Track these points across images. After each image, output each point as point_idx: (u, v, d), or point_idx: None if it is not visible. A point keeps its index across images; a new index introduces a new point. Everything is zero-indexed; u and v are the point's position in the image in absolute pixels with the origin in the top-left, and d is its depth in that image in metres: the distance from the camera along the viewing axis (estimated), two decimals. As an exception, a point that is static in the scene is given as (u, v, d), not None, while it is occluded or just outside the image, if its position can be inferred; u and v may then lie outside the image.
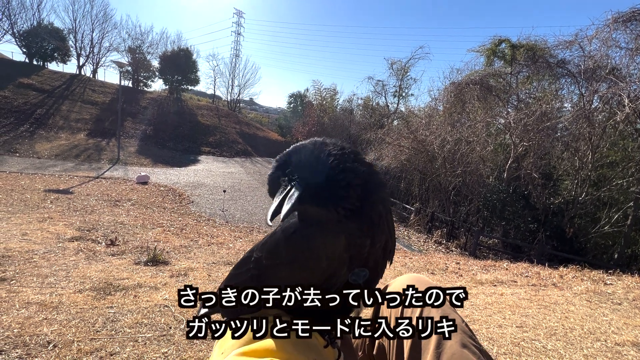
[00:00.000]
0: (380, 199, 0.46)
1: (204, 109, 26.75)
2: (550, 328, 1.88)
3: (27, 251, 3.09)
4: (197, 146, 21.23)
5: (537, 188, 9.14)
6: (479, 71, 11.28)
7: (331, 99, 23.71)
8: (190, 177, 13.95)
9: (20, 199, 6.23)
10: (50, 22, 23.66)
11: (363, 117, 21.37)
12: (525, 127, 9.02)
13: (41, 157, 13.17)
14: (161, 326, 1.60)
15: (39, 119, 16.73)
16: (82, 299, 1.95)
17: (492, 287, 3.33)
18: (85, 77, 23.90)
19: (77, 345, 1.30)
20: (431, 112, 13.17)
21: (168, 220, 6.57)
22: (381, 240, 0.46)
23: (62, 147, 14.82)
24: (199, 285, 2.56)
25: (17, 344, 1.28)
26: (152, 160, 16.16)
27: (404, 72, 18.71)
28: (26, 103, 17.42)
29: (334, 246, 0.43)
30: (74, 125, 17.61)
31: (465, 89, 10.65)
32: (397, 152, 12.42)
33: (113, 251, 3.61)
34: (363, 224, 0.43)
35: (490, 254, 9.05)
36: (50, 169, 11.29)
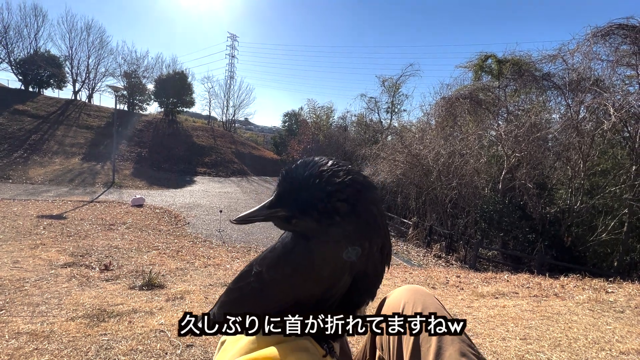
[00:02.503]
0: (372, 199, 0.46)
1: (200, 130, 26.97)
2: (554, 339, 1.85)
3: (17, 279, 3.01)
4: (192, 167, 21.25)
5: (532, 198, 9.21)
6: (468, 86, 11.60)
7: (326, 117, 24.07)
8: (186, 198, 13.87)
9: (12, 226, 6.13)
10: (47, 50, 24.11)
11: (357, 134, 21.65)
12: (516, 139, 9.19)
13: (34, 183, 13.06)
14: (157, 352, 1.55)
15: (33, 144, 16.72)
16: (75, 327, 1.89)
17: (493, 299, 3.29)
18: (81, 102, 24.12)
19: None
20: (424, 126, 13.40)
21: (164, 243, 6.47)
22: (378, 242, 0.46)
23: (56, 172, 14.74)
24: (196, 309, 2.50)
25: (5, 376, 1.23)
26: (147, 183, 16.09)
27: (395, 89, 19.17)
28: (21, 129, 17.45)
29: (337, 257, 0.43)
30: (69, 149, 17.61)
31: (456, 103, 10.91)
32: (392, 167, 12.52)
33: (107, 276, 3.53)
34: (359, 226, 0.44)
35: (490, 266, 8.97)
36: (44, 194, 11.16)
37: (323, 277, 0.44)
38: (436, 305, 0.58)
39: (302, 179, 0.44)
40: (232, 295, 0.52)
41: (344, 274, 0.44)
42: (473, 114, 10.92)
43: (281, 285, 0.46)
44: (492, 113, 10.69)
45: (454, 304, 3.04)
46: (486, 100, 10.76)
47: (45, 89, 23.75)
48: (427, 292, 0.62)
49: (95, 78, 25.85)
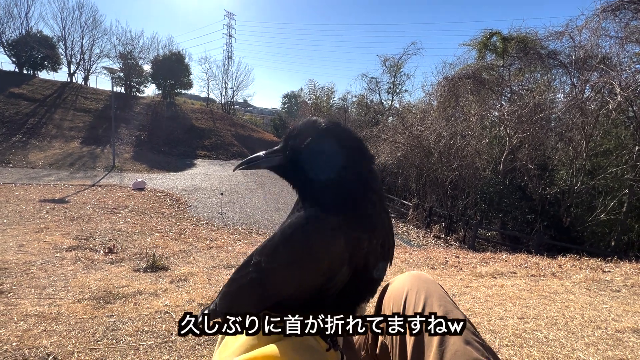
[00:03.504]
0: (376, 194, 0.47)
1: (198, 113, 26.64)
2: (551, 318, 1.89)
3: (24, 263, 3.06)
4: (192, 150, 21.15)
5: (533, 179, 9.20)
6: (472, 65, 11.32)
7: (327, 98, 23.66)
8: (187, 181, 13.89)
9: (15, 210, 6.17)
10: (39, 30, 23.42)
11: (358, 115, 21.37)
12: (519, 119, 9.07)
13: (35, 167, 13.05)
14: (162, 333, 1.59)
15: (32, 128, 16.57)
16: (82, 308, 1.93)
17: (492, 279, 3.34)
18: (77, 85, 23.70)
19: (77, 356, 1.28)
20: (425, 107, 13.20)
21: (166, 226, 6.54)
22: (378, 236, 0.46)
23: (56, 156, 14.69)
24: (199, 290, 2.55)
25: (16, 357, 1.26)
26: (148, 166, 16.07)
27: (397, 69, 18.73)
28: (17, 113, 17.25)
29: (333, 245, 0.43)
30: (68, 133, 17.47)
31: (459, 83, 10.69)
32: (393, 149, 12.45)
33: (112, 259, 3.58)
34: (357, 219, 0.44)
35: (489, 247, 9.10)
36: (45, 179, 11.18)
37: (321, 267, 0.44)
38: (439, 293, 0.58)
39: (299, 127, 0.52)
40: (233, 286, 0.52)
41: (342, 265, 0.44)
42: (476, 94, 10.72)
43: (279, 275, 0.46)
44: (496, 93, 10.49)
45: (453, 284, 3.09)
46: (490, 80, 10.53)
47: (40, 71, 23.28)
48: (430, 279, 0.62)
49: (91, 59, 25.30)
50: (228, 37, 38.07)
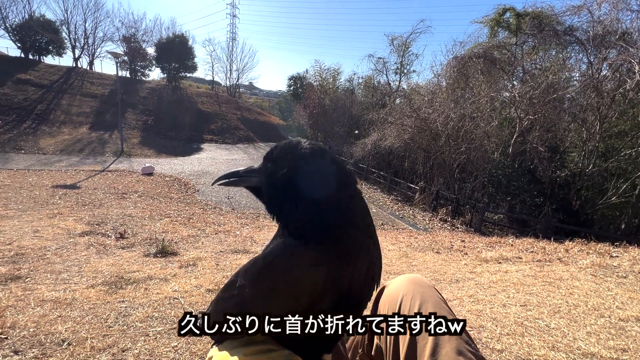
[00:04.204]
0: (359, 220, 0.46)
1: (204, 96, 26.49)
2: (554, 305, 1.89)
3: (39, 248, 3.16)
4: (199, 134, 21.20)
5: (543, 162, 9.01)
6: (483, 43, 10.88)
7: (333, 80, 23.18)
8: (194, 165, 14.02)
9: (30, 196, 6.34)
10: (41, 14, 23.21)
11: (365, 97, 20.97)
12: (531, 100, 8.79)
13: (46, 153, 13.29)
14: (171, 319, 1.65)
15: (41, 114, 16.75)
16: (95, 294, 2.01)
17: (496, 264, 3.35)
18: (82, 70, 23.67)
19: (90, 343, 1.34)
20: (434, 88, 12.86)
21: (175, 211, 6.65)
22: (361, 267, 0.45)
23: (66, 142, 14.91)
24: (207, 275, 2.61)
25: (33, 343, 1.33)
26: (155, 151, 16.22)
27: (405, 48, 18.16)
28: (26, 99, 17.40)
29: (313, 279, 0.43)
30: (76, 119, 17.63)
31: (469, 63, 10.33)
32: (400, 132, 12.27)
33: (123, 244, 3.68)
34: (336, 253, 0.43)
35: (495, 230, 9.08)
36: (56, 165, 11.40)
37: (301, 299, 0.44)
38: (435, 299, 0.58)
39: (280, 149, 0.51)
40: (219, 307, 0.53)
41: (323, 296, 0.44)
42: (486, 75, 10.36)
43: (260, 303, 0.46)
44: (507, 73, 10.13)
45: (457, 269, 3.11)
46: (501, 59, 10.14)
47: (45, 56, 23.24)
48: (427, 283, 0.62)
49: (94, 43, 25.10)
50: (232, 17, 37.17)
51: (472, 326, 1.63)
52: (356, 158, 15.49)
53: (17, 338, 1.36)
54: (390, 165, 14.90)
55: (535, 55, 10.01)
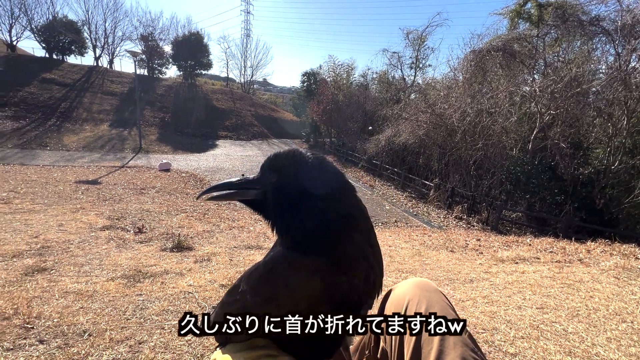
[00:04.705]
0: (358, 230, 0.46)
1: (219, 93, 26.85)
2: (572, 309, 1.83)
3: (64, 241, 3.30)
4: (214, 131, 21.54)
5: (565, 158, 8.67)
6: (502, 36, 10.51)
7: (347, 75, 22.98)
8: (209, 162, 14.27)
9: (55, 191, 6.62)
10: (64, 15, 24.07)
11: (379, 92, 20.69)
12: (553, 94, 8.45)
13: (70, 150, 13.83)
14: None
15: (64, 112, 17.43)
16: (114, 287, 2.08)
17: (513, 264, 3.27)
18: (103, 68, 24.42)
19: (109, 334, 1.40)
20: (450, 83, 12.56)
21: (191, 206, 6.80)
22: (360, 275, 0.46)
23: (87, 139, 15.46)
24: (221, 270, 2.67)
25: (56, 333, 1.40)
26: (172, 147, 16.60)
27: (420, 42, 17.77)
28: (51, 97, 18.12)
29: (310, 288, 0.43)
30: (97, 116, 18.24)
31: (487, 57, 10.01)
32: (415, 127, 12.07)
33: (141, 238, 3.80)
34: (335, 261, 0.44)
35: (513, 228, 8.84)
36: (79, 161, 11.86)
37: (298, 307, 0.44)
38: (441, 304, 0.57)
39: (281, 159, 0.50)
40: (223, 310, 0.54)
41: (320, 305, 0.44)
42: (505, 68, 10.03)
43: (262, 308, 0.47)
44: (528, 66, 9.76)
45: (472, 268, 3.05)
46: (521, 52, 9.77)
47: (68, 55, 24.11)
48: (434, 288, 0.61)
49: (114, 43, 25.89)
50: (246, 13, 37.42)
51: (485, 328, 1.60)
52: (370, 154, 15.36)
53: (42, 328, 1.43)
54: (404, 162, 14.71)
55: (558, 47, 9.60)
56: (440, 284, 2.51)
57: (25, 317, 1.51)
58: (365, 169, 15.94)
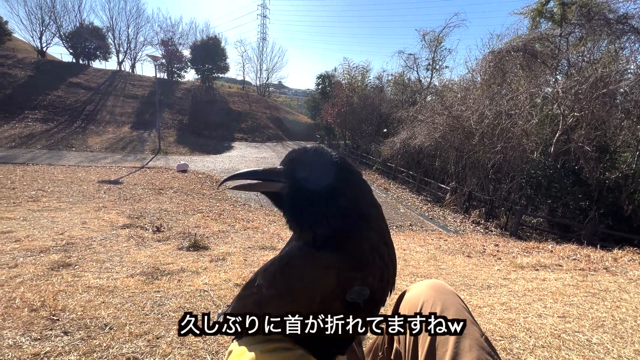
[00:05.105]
0: (377, 229, 0.46)
1: (235, 96, 27.33)
2: (597, 319, 1.75)
3: (87, 238, 3.43)
4: (230, 133, 21.93)
5: (590, 162, 8.33)
6: (523, 36, 10.23)
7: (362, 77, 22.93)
8: (225, 163, 14.52)
9: (79, 190, 6.90)
10: (90, 22, 25.21)
11: (394, 94, 20.52)
12: (577, 96, 8.14)
13: (93, 151, 14.40)
14: (201, 310, 1.73)
15: (89, 114, 18.18)
16: (134, 283, 2.15)
17: (533, 271, 3.16)
18: (125, 73, 25.35)
19: (129, 328, 1.45)
20: (467, 85, 12.31)
21: (207, 206, 6.94)
22: (374, 273, 0.46)
23: (110, 140, 16.05)
24: (236, 270, 2.70)
25: (80, 326, 1.46)
26: (190, 149, 17.00)
27: (437, 43, 17.52)
28: (77, 101, 18.95)
29: (325, 283, 0.43)
30: (119, 119, 18.92)
31: (507, 57, 9.76)
32: (431, 130, 11.88)
33: (159, 237, 3.90)
34: (350, 258, 0.44)
35: (533, 234, 8.55)
36: (102, 161, 12.32)
37: (312, 301, 0.45)
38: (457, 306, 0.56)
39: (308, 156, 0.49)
40: (240, 303, 0.55)
41: (334, 301, 0.44)
42: (526, 69, 9.73)
43: (277, 302, 0.48)
44: (550, 67, 9.45)
45: (489, 274, 2.97)
46: (543, 52, 9.47)
47: (93, 60, 25.22)
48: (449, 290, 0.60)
49: (136, 48, 26.85)
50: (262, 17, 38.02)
51: (503, 336, 1.55)
52: (384, 157, 15.23)
53: (66, 320, 1.50)
54: (419, 165, 14.50)
55: (582, 47, 9.25)
56: (456, 289, 2.45)
57: (52, 309, 1.58)
58: (380, 171, 15.81)
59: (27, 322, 1.45)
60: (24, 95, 17.45)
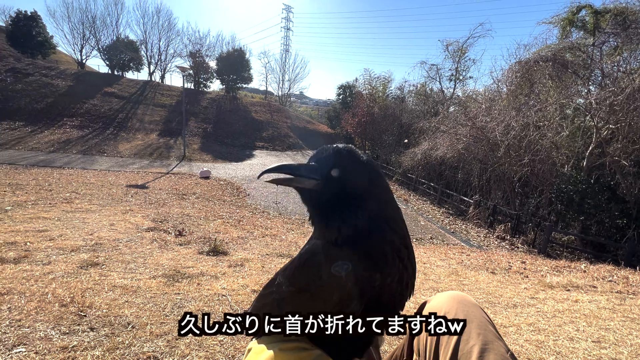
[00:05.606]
0: (396, 231, 0.46)
1: (257, 106, 28.03)
2: (637, 346, 1.62)
3: (114, 239, 3.58)
4: (251, 141, 22.42)
5: (627, 177, 7.82)
6: (552, 45, 9.89)
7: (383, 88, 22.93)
8: (246, 171, 14.82)
9: (108, 194, 7.25)
10: (126, 36, 26.87)
11: (416, 105, 20.33)
12: (612, 107, 7.73)
13: (123, 156, 15.12)
14: (219, 314, 1.75)
15: (121, 122, 19.20)
16: (156, 284, 2.21)
17: (564, 291, 2.97)
18: (155, 83, 26.67)
19: (150, 328, 1.49)
20: (492, 95, 12.00)
21: (227, 213, 7.08)
22: (393, 274, 0.45)
23: (138, 147, 16.82)
24: (254, 276, 2.72)
25: (104, 323, 1.51)
26: (212, 156, 17.51)
27: (461, 54, 17.27)
28: (110, 109, 20.09)
29: (343, 281, 0.43)
30: (148, 126, 19.85)
31: (535, 67, 9.45)
32: (454, 141, 11.62)
33: (181, 241, 4.01)
34: (370, 258, 0.44)
35: (564, 252, 8.07)
36: (130, 167, 12.91)
37: (331, 299, 0.45)
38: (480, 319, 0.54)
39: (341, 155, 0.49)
40: (260, 302, 0.56)
41: (352, 299, 0.44)
42: (556, 80, 9.38)
43: (295, 300, 0.48)
44: (582, 77, 9.05)
45: (516, 293, 2.83)
46: (574, 62, 9.10)
47: (126, 71, 26.74)
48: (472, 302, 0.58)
49: (166, 59, 28.25)
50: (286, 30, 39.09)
51: (531, 358, 1.46)
52: (404, 167, 15.01)
53: (93, 317, 1.56)
54: (441, 177, 14.17)
55: (617, 57, 8.81)
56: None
57: (80, 305, 1.65)
58: (400, 182, 15.58)
59: (57, 316, 1.52)
60: (64, 103, 18.73)
